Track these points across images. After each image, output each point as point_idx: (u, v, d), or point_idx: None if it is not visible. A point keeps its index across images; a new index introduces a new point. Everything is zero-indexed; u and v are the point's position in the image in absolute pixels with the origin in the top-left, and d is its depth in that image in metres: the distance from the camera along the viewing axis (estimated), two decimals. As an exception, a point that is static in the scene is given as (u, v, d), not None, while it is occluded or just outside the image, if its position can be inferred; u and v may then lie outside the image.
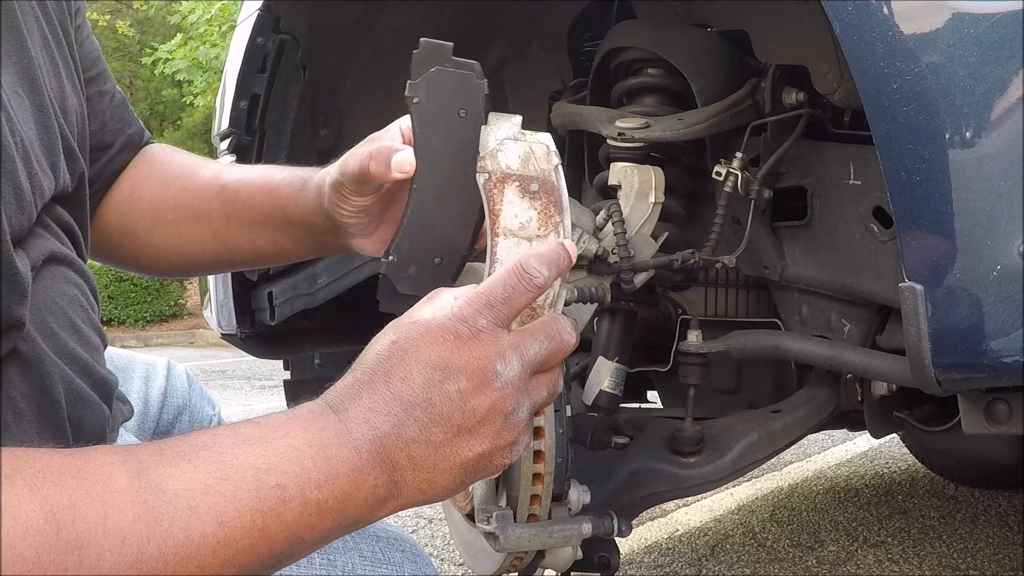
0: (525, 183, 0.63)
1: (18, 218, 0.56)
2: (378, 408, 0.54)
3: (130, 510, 0.46)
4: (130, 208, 0.89)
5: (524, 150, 0.63)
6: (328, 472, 0.52)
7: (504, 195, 0.63)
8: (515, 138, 0.64)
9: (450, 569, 2.23)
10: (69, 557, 0.44)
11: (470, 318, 0.56)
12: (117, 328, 12.29)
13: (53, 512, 0.44)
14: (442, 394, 0.54)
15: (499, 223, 0.63)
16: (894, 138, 0.89)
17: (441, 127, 0.67)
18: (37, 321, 0.59)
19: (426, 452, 0.54)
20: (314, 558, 0.71)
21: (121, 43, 17.09)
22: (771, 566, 2.18)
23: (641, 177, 1.36)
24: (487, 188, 0.63)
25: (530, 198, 0.63)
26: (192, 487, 0.48)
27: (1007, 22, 0.84)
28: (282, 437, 0.52)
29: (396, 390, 0.54)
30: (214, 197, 0.88)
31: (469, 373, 0.55)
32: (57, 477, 0.46)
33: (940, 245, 0.88)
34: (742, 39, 1.37)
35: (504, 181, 0.63)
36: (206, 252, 0.90)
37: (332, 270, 1.72)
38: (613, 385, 1.40)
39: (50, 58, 0.67)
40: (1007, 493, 2.73)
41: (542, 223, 0.63)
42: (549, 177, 0.64)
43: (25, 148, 0.58)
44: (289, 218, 0.85)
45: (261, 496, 0.50)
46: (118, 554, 0.45)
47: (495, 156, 0.63)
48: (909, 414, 1.64)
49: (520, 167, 0.63)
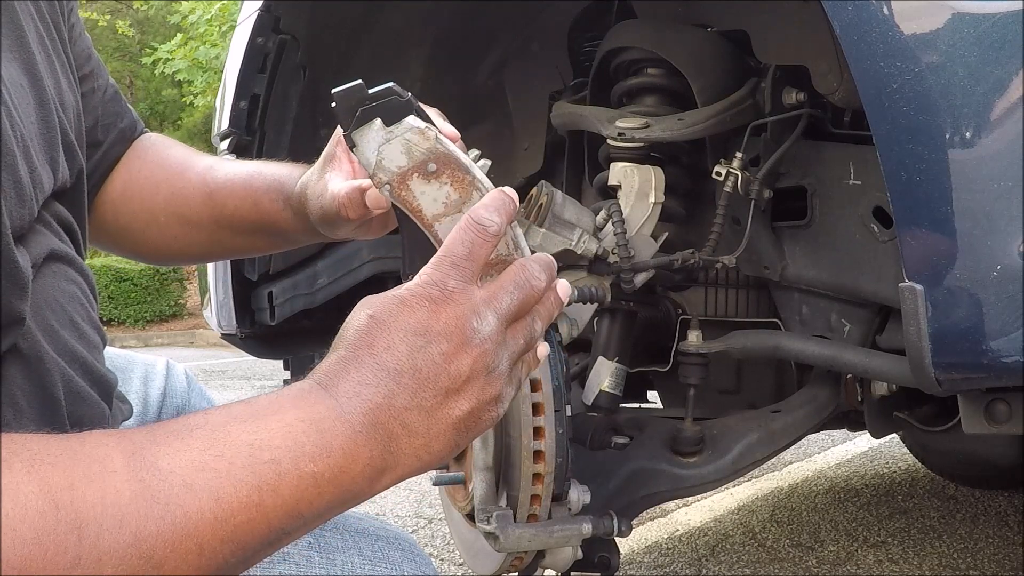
0: (422, 168, 0.63)
1: (19, 212, 0.56)
2: (367, 380, 0.54)
3: (127, 489, 0.47)
4: (124, 208, 0.91)
5: (401, 145, 0.63)
6: (322, 446, 0.52)
7: (412, 190, 0.64)
8: (386, 139, 0.63)
9: (450, 569, 2.23)
10: (69, 537, 0.44)
11: (439, 282, 0.57)
12: (117, 328, 12.29)
13: (51, 493, 0.44)
14: (426, 358, 0.55)
15: (425, 215, 0.64)
16: (894, 138, 0.89)
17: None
18: (38, 318, 0.59)
19: (419, 418, 0.55)
20: (314, 558, 0.71)
21: (121, 43, 17.09)
22: (771, 566, 2.18)
23: (641, 177, 1.36)
24: (396, 196, 0.64)
25: (434, 178, 0.64)
26: (187, 465, 0.49)
27: (1007, 22, 0.84)
28: (273, 414, 0.52)
29: (382, 360, 0.55)
30: (202, 205, 0.90)
31: (448, 334, 0.56)
32: (54, 459, 0.46)
33: (940, 245, 0.88)
34: (742, 39, 1.37)
35: (404, 179, 0.64)
36: (202, 251, 0.95)
37: (332, 270, 1.72)
38: (613, 385, 1.40)
39: (46, 55, 0.68)
40: (1007, 493, 2.73)
41: (460, 190, 0.64)
42: (437, 150, 0.63)
43: (25, 142, 0.58)
44: (278, 228, 0.89)
45: (256, 471, 0.50)
46: (117, 533, 0.45)
47: (381, 166, 0.63)
48: (909, 414, 1.64)
49: (408, 160, 0.63)
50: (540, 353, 0.64)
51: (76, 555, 0.44)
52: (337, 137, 0.84)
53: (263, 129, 1.64)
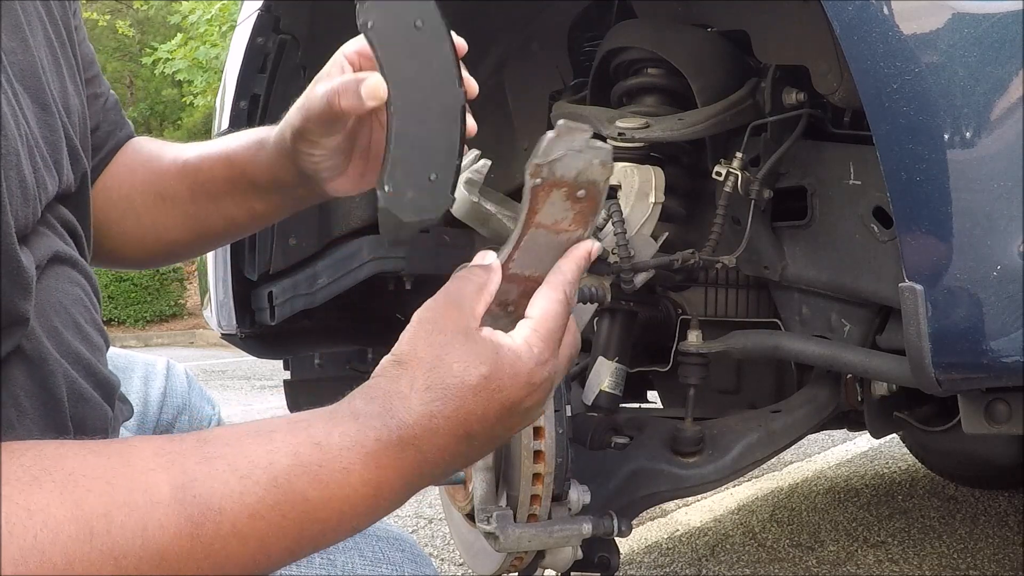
0: (573, 191, 0.63)
1: (23, 212, 0.55)
2: (450, 448, 0.55)
3: (172, 525, 0.46)
4: (102, 201, 0.87)
5: (584, 162, 0.63)
6: (374, 507, 0.54)
7: (549, 198, 0.64)
8: (579, 150, 0.63)
9: (450, 569, 2.23)
10: (103, 567, 0.43)
11: (548, 362, 0.59)
12: (117, 328, 12.29)
13: (86, 519, 0.43)
14: (503, 429, 0.58)
15: (535, 219, 0.64)
16: (894, 138, 0.89)
17: (402, 44, 0.66)
18: (41, 320, 0.58)
19: (461, 460, 0.58)
20: (314, 558, 0.71)
21: (121, 43, 17.07)
22: (771, 566, 2.18)
23: (641, 177, 1.36)
24: (535, 191, 0.63)
25: (573, 201, 0.64)
26: (240, 511, 0.48)
27: (1007, 22, 0.84)
28: (341, 471, 0.52)
29: (471, 430, 0.56)
30: (177, 176, 0.86)
31: (529, 411, 0.59)
32: (90, 482, 0.45)
33: (940, 245, 0.88)
34: (742, 39, 1.37)
35: (554, 187, 0.63)
36: (179, 231, 0.88)
37: (332, 270, 1.71)
38: (613, 385, 1.40)
39: (53, 58, 0.67)
40: (1007, 493, 2.73)
41: (575, 222, 0.65)
42: (598, 187, 0.64)
43: (29, 142, 0.58)
44: (253, 181, 0.83)
45: (303, 527, 0.50)
46: (156, 568, 0.45)
47: (553, 166, 0.63)
48: (909, 414, 1.64)
49: (574, 178, 0.63)
50: None
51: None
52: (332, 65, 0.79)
53: (263, 129, 1.64)
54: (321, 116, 0.73)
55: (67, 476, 0.44)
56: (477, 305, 0.60)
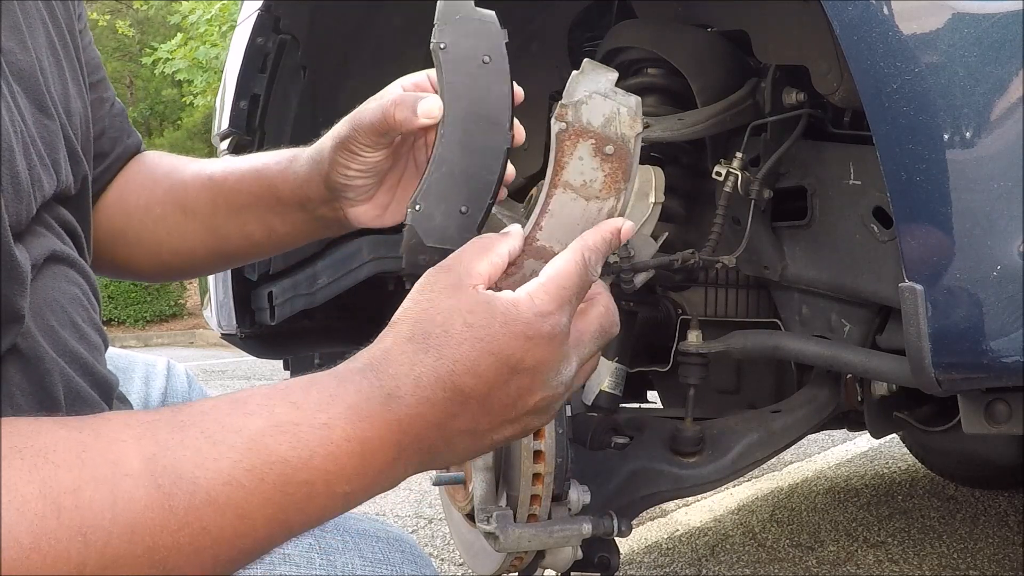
0: (601, 144, 0.61)
1: (15, 207, 0.55)
2: (436, 399, 0.51)
3: (142, 496, 0.44)
4: (118, 210, 0.87)
5: (611, 109, 0.61)
6: (361, 468, 0.50)
7: (576, 150, 0.61)
8: (605, 94, 0.61)
9: (450, 569, 2.23)
10: (72, 543, 0.42)
11: (552, 315, 0.54)
12: (117, 328, 12.29)
13: (54, 495, 0.43)
14: (502, 389, 0.53)
15: (562, 176, 0.61)
16: (894, 138, 0.89)
17: (467, 73, 0.67)
18: (37, 319, 0.58)
19: (467, 441, 0.54)
20: (314, 559, 0.71)
21: (121, 43, 17.07)
22: (771, 566, 2.18)
23: (641, 177, 1.36)
24: (560, 138, 0.61)
25: (601, 159, 0.61)
26: (214, 476, 0.46)
27: (1007, 22, 0.84)
28: (320, 427, 0.49)
29: (460, 382, 0.52)
30: (201, 188, 0.86)
31: (534, 373, 0.53)
32: (61, 457, 0.44)
33: (940, 245, 0.88)
34: (742, 39, 1.37)
35: (580, 136, 0.61)
36: (197, 245, 0.87)
37: (332, 270, 1.71)
38: (613, 385, 1.40)
39: (55, 60, 0.67)
40: (1007, 493, 2.73)
41: (605, 187, 0.61)
42: (627, 144, 0.61)
43: (25, 139, 0.58)
44: (279, 197, 0.82)
45: (287, 491, 0.48)
46: (127, 542, 0.44)
47: (578, 108, 0.61)
48: (909, 414, 1.64)
49: (601, 126, 0.61)
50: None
51: (81, 561, 0.43)
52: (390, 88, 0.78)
53: (263, 129, 1.64)
54: (372, 126, 0.73)
55: (37, 453, 0.44)
56: (476, 264, 0.57)
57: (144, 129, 17.01)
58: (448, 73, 0.67)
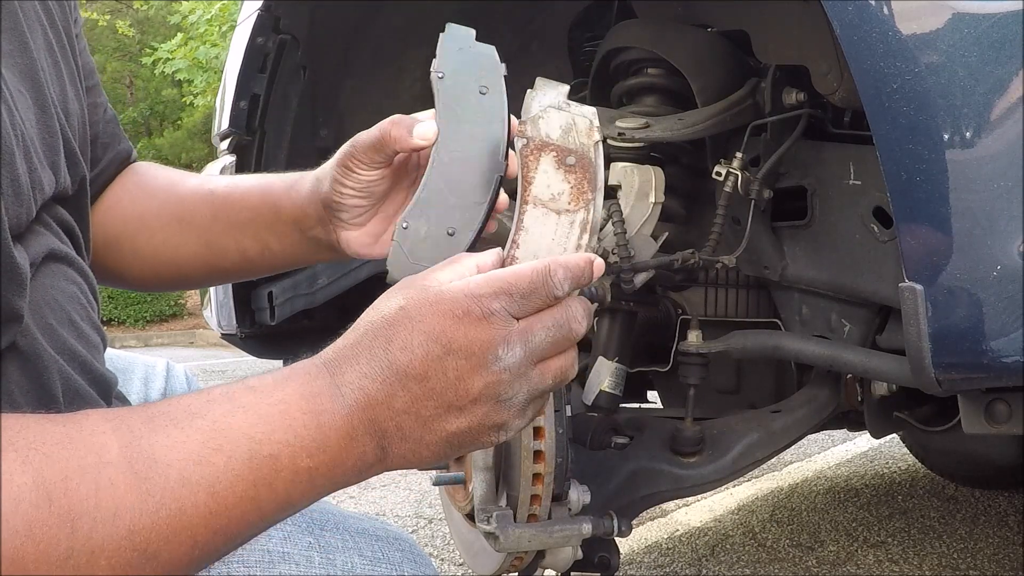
0: (562, 155, 0.63)
1: (15, 210, 0.56)
2: (374, 375, 0.54)
3: (122, 481, 0.46)
4: (113, 217, 0.88)
5: (566, 121, 0.63)
6: (320, 440, 0.52)
7: (539, 164, 0.63)
8: (559, 107, 0.64)
9: (450, 569, 2.23)
10: (62, 530, 0.44)
11: (484, 298, 0.55)
12: (117, 328, 12.29)
13: (45, 485, 0.44)
14: (439, 370, 0.54)
15: (530, 191, 0.63)
16: (894, 138, 0.89)
17: (463, 103, 0.69)
18: (36, 317, 0.59)
19: (413, 424, 0.55)
20: (314, 558, 0.71)
21: (121, 43, 17.06)
22: (771, 566, 2.18)
23: (641, 177, 1.36)
24: (523, 154, 0.63)
25: (565, 171, 0.63)
26: (185, 457, 0.48)
27: (1007, 22, 0.84)
28: (277, 403, 0.52)
29: (394, 358, 0.54)
30: (201, 201, 0.88)
31: (469, 354, 0.55)
32: (49, 449, 0.46)
33: (940, 245, 0.88)
34: (742, 39, 1.37)
35: (541, 149, 0.63)
36: (190, 257, 0.88)
37: (332, 270, 1.72)
38: (613, 385, 1.40)
39: (53, 62, 0.67)
40: (1007, 493, 2.73)
41: (573, 198, 0.63)
42: (587, 152, 0.63)
43: (25, 142, 0.58)
44: (279, 214, 0.85)
45: (254, 466, 0.50)
46: (111, 526, 0.46)
47: (536, 122, 0.64)
48: (909, 414, 1.64)
49: (559, 138, 0.63)
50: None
51: (69, 548, 0.44)
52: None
53: (263, 129, 1.64)
54: (369, 143, 0.77)
55: (28, 445, 0.45)
56: (437, 272, 0.59)
57: (144, 129, 17.00)
58: (445, 101, 0.69)
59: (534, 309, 0.57)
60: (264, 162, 1.66)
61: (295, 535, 0.68)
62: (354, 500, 2.85)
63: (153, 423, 0.50)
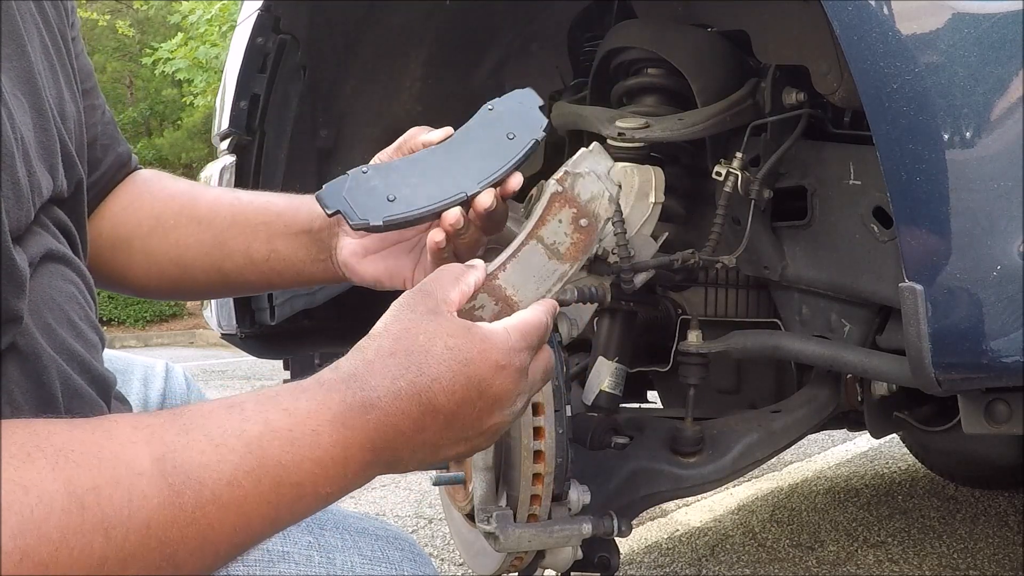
0: (579, 216, 0.71)
1: (16, 212, 0.56)
2: (412, 414, 0.57)
3: (155, 495, 0.47)
4: (127, 217, 0.89)
5: (599, 190, 0.72)
6: (343, 472, 0.55)
7: (559, 213, 0.71)
8: (599, 177, 0.72)
9: (450, 569, 2.23)
10: (95, 537, 0.45)
11: (520, 353, 0.62)
12: (117, 328, 12.29)
13: (76, 493, 0.45)
14: (467, 411, 0.59)
15: (541, 230, 0.71)
16: (894, 138, 0.89)
17: (490, 132, 0.74)
18: (35, 317, 0.59)
19: (426, 452, 0.59)
20: (314, 557, 0.71)
21: (121, 43, 17.04)
22: (771, 566, 2.18)
23: (641, 177, 1.35)
24: (552, 199, 0.71)
25: (575, 228, 0.71)
26: (218, 478, 0.50)
27: (1007, 22, 0.84)
28: (311, 433, 0.54)
29: (435, 400, 0.57)
30: (225, 205, 0.90)
31: (495, 399, 0.60)
32: (79, 457, 0.46)
33: (940, 245, 0.88)
34: (742, 39, 1.37)
35: (567, 203, 0.71)
36: (199, 256, 0.90)
37: (332, 270, 1.71)
38: (613, 385, 1.40)
39: (49, 65, 0.67)
40: (1007, 493, 2.73)
41: (569, 253, 0.71)
42: (597, 223, 0.72)
43: (24, 146, 0.58)
44: (297, 215, 0.88)
45: (280, 492, 0.52)
46: (143, 537, 0.46)
47: (575, 179, 0.72)
48: (909, 414, 1.64)
49: (586, 202, 0.71)
50: None
51: (103, 556, 0.45)
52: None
53: (263, 129, 1.64)
54: (393, 146, 0.81)
55: (57, 452, 0.46)
56: (451, 292, 0.64)
57: (144, 129, 16.98)
58: (477, 122, 0.74)
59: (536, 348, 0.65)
60: (264, 162, 1.66)
61: (294, 534, 0.68)
62: (354, 500, 2.85)
63: (189, 436, 0.51)
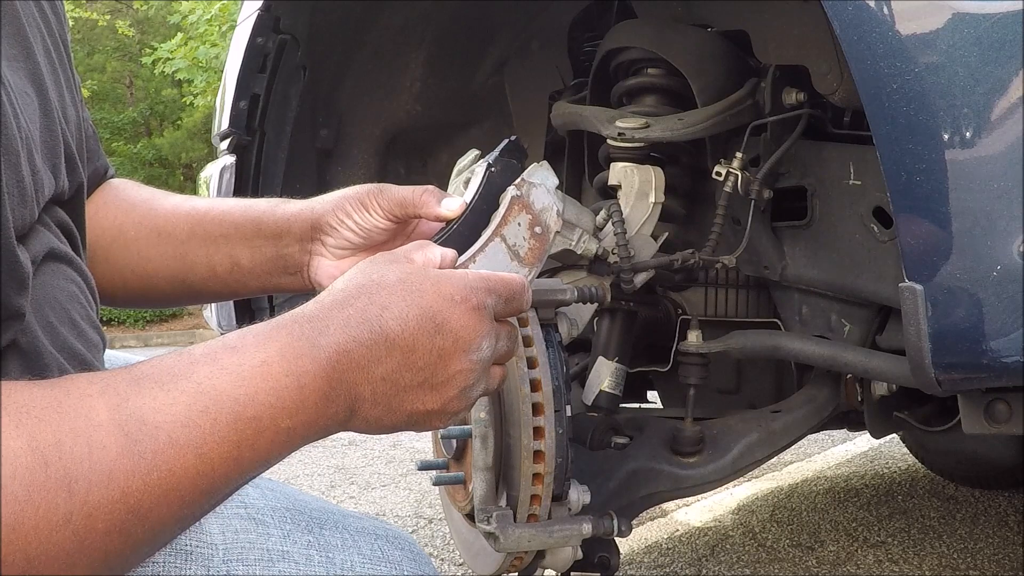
0: (534, 222, 0.78)
1: (20, 211, 0.56)
2: (363, 339, 0.56)
3: (113, 445, 0.47)
4: (92, 226, 0.87)
5: (548, 202, 0.79)
6: (300, 402, 0.54)
7: (518, 216, 0.77)
8: (549, 190, 0.79)
9: (450, 569, 2.23)
10: (60, 493, 0.44)
11: (480, 292, 0.60)
12: (117, 328, 12.30)
13: (40, 449, 0.45)
14: (427, 345, 0.58)
15: (503, 229, 0.76)
16: (894, 138, 0.89)
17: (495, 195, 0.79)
18: (37, 315, 0.59)
19: (389, 391, 0.57)
20: (313, 556, 0.71)
21: (121, 43, 17.04)
22: (771, 566, 2.18)
23: (641, 177, 1.36)
24: (512, 201, 0.77)
25: (531, 234, 0.78)
26: (173, 420, 0.49)
27: (1007, 22, 0.85)
28: (260, 364, 0.53)
29: (386, 325, 0.56)
30: (182, 216, 0.89)
31: (456, 337, 0.59)
32: (40, 412, 0.46)
33: (940, 245, 0.88)
34: (742, 39, 1.37)
35: (524, 208, 0.77)
36: (161, 268, 0.90)
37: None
38: (613, 385, 1.40)
39: (52, 69, 0.68)
40: (1007, 493, 2.73)
41: (527, 257, 0.78)
42: (548, 233, 0.79)
43: (29, 144, 0.58)
44: (259, 227, 0.86)
45: (238, 428, 0.51)
46: (106, 488, 0.46)
47: (530, 188, 0.78)
48: (909, 414, 1.64)
49: (539, 211, 0.78)
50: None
51: (68, 511, 0.45)
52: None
53: (263, 129, 1.64)
54: (397, 197, 0.81)
55: (19, 408, 0.46)
56: (415, 252, 0.64)
57: (144, 129, 16.99)
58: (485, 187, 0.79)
59: (504, 315, 0.64)
60: (264, 162, 1.66)
61: (294, 534, 0.68)
62: (354, 500, 2.86)
63: (139, 385, 0.50)
